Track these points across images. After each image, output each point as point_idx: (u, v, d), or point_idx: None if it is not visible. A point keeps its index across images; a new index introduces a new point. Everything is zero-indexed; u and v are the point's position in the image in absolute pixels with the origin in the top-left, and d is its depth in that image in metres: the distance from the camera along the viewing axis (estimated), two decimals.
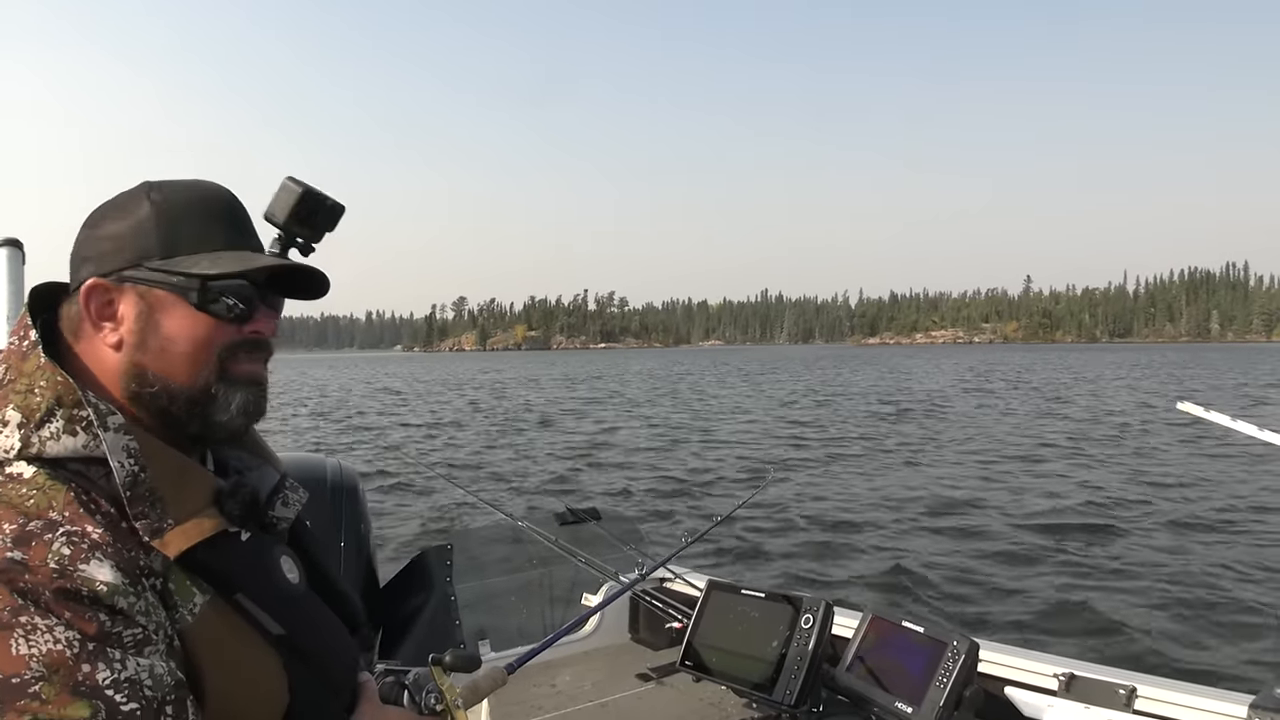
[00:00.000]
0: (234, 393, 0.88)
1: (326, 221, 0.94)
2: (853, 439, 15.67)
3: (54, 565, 0.71)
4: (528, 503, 9.64)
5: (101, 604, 0.71)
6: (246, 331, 0.89)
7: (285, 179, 0.92)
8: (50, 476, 0.77)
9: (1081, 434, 15.68)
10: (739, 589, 2.15)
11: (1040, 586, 6.06)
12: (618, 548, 2.81)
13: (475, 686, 1.14)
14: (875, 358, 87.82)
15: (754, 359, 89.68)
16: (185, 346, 0.86)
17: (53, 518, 0.74)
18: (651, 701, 2.20)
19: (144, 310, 0.85)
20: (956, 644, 1.69)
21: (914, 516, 8.55)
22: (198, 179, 0.93)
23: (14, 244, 1.79)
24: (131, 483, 0.79)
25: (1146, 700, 1.63)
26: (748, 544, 7.42)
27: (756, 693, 1.95)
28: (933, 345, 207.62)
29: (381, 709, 0.99)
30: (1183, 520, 8.15)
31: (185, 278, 0.85)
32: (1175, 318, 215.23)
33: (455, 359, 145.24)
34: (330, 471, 2.50)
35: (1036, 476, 10.90)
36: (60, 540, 0.72)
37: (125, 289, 0.85)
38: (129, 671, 0.70)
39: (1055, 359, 68.46)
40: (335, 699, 0.95)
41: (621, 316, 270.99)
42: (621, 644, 2.68)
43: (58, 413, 0.80)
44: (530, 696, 2.22)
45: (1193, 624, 5.25)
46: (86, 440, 0.79)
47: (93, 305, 0.85)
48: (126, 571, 0.75)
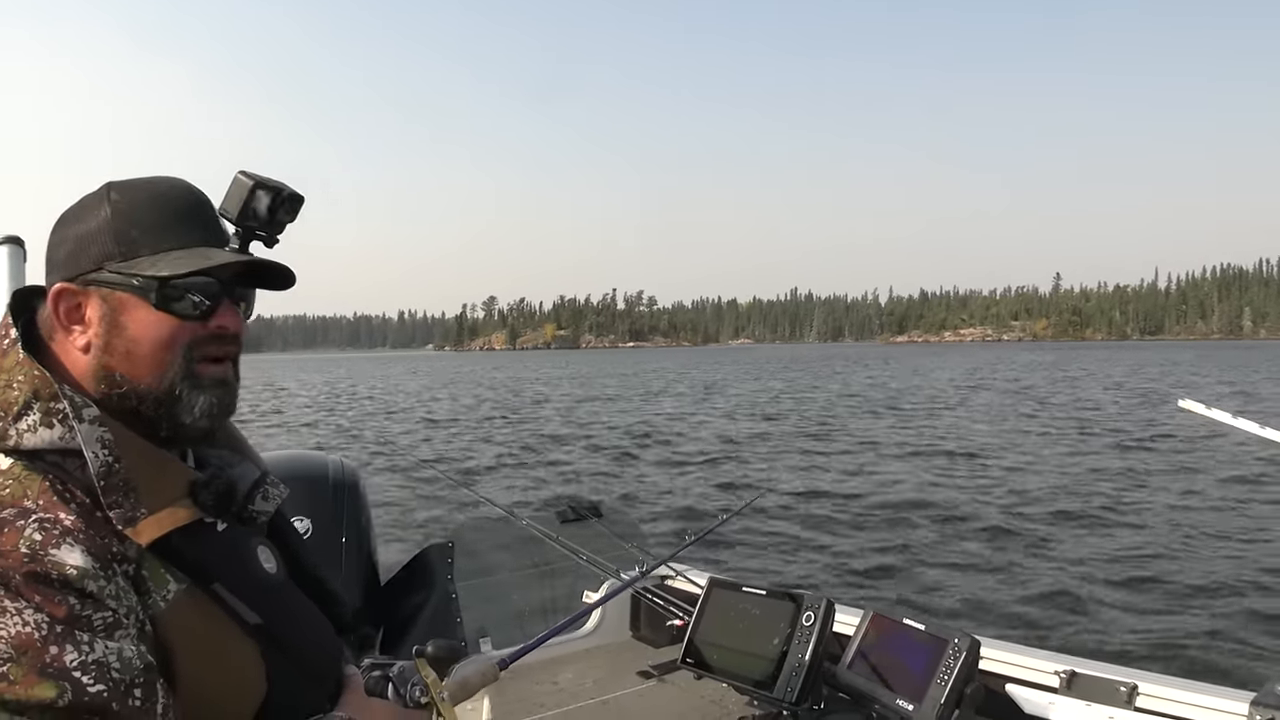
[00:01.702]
0: (198, 395, 0.89)
1: (287, 213, 0.94)
2: (853, 439, 15.66)
3: (25, 550, 0.72)
4: (530, 500, 9.64)
5: (71, 587, 0.73)
6: (212, 327, 0.90)
7: (237, 173, 0.91)
8: (26, 468, 0.79)
9: (1083, 432, 15.67)
10: (740, 586, 2.14)
11: (1042, 584, 6.05)
12: (619, 545, 2.81)
13: (465, 681, 1.13)
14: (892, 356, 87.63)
15: (767, 358, 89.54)
16: (149, 348, 0.86)
17: (27, 505, 0.76)
18: (653, 699, 2.20)
19: (108, 313, 0.86)
20: (958, 641, 1.68)
21: (915, 514, 8.54)
22: (161, 176, 0.93)
23: (15, 241, 1.79)
24: (106, 472, 0.80)
25: (1148, 697, 1.62)
26: (749, 542, 7.42)
27: (758, 690, 1.94)
28: (961, 343, 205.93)
29: (365, 701, 0.99)
30: (1184, 519, 8.14)
31: (144, 279, 0.85)
32: (1207, 315, 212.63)
33: (484, 358, 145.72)
34: (331, 468, 2.51)
35: (1038, 477, 10.88)
36: (32, 526, 0.74)
37: (90, 292, 0.87)
38: (97, 654, 0.72)
39: (1070, 357, 68.21)
40: (315, 689, 0.95)
41: (650, 315, 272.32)
42: (623, 641, 2.68)
43: (34, 406, 0.81)
44: (531, 694, 2.22)
45: (1194, 621, 5.24)
46: (62, 432, 0.81)
47: (61, 309, 0.87)
48: (98, 557, 0.76)
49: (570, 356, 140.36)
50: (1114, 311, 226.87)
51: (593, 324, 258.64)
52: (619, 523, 3.05)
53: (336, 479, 2.47)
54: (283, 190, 0.92)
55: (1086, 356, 68.13)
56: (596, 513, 3.03)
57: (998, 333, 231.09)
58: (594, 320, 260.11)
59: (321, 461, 2.55)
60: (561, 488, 10.73)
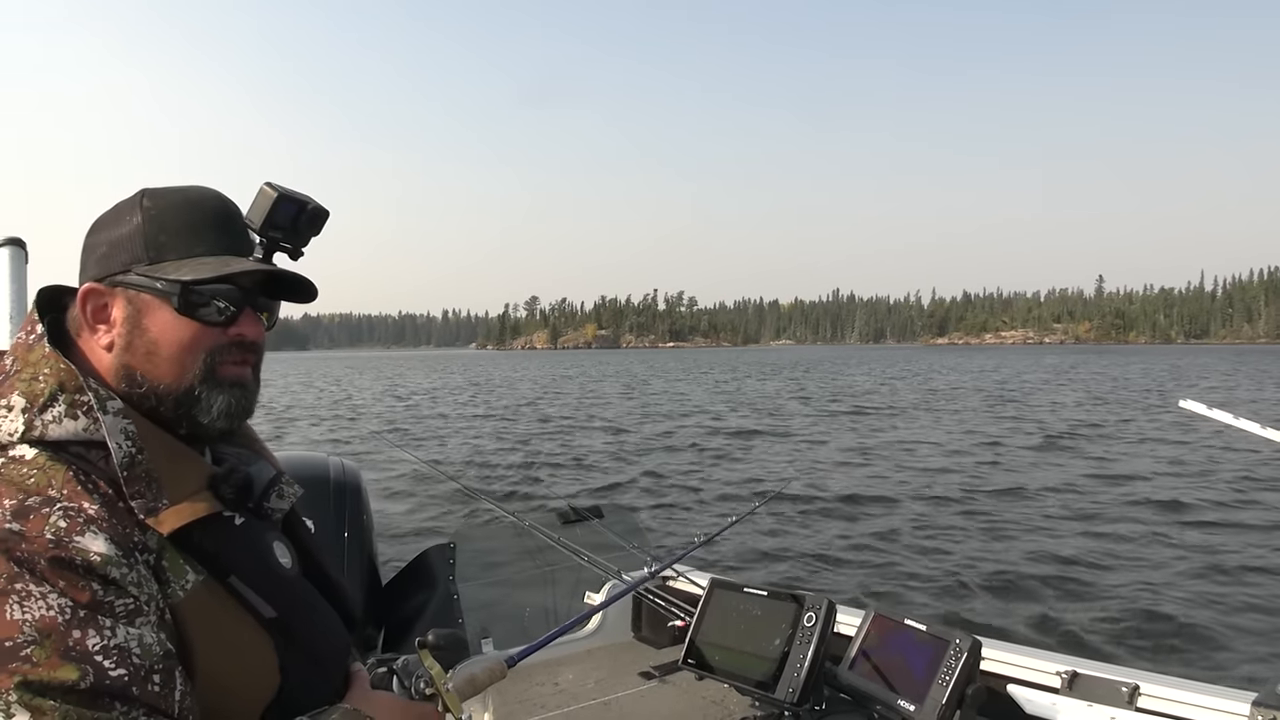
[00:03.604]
0: (216, 395, 0.91)
1: (309, 226, 0.95)
2: (856, 438, 15.66)
3: (50, 536, 0.74)
4: (531, 501, 9.64)
5: (95, 574, 0.74)
6: (231, 334, 0.91)
7: (263, 184, 0.93)
8: (51, 458, 0.80)
9: (1085, 432, 15.67)
10: (741, 587, 2.15)
11: (1042, 584, 6.04)
12: (621, 547, 2.81)
13: (473, 678, 1.13)
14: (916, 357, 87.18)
15: (787, 360, 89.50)
16: (169, 349, 0.88)
17: (51, 494, 0.77)
18: (654, 700, 2.20)
19: (132, 314, 0.88)
20: (959, 642, 1.68)
21: (917, 514, 8.54)
22: (193, 184, 0.95)
23: (17, 243, 1.80)
24: (129, 463, 0.82)
25: (1149, 698, 1.63)
26: (750, 542, 7.42)
27: (759, 691, 1.94)
28: (1001, 346, 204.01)
29: (371, 694, 1.00)
30: (1186, 518, 8.14)
31: (167, 283, 0.87)
32: (1254, 318, 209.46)
33: (524, 356, 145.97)
34: (333, 469, 2.52)
35: (1040, 477, 10.87)
36: (57, 514, 0.76)
37: (117, 293, 0.89)
38: (119, 639, 0.73)
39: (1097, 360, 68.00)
40: (326, 682, 0.96)
41: (690, 316, 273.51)
42: (624, 642, 2.68)
43: (60, 398, 0.83)
44: (533, 695, 2.22)
45: (1195, 621, 5.24)
46: (87, 424, 0.83)
47: (88, 308, 0.89)
48: (120, 545, 0.77)
49: (610, 356, 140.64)
50: (1158, 314, 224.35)
51: (633, 324, 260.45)
52: (620, 524, 3.06)
53: (338, 480, 2.48)
54: (308, 204, 0.94)
55: (1103, 360, 67.83)
56: (598, 514, 3.03)
57: (1039, 335, 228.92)
58: (634, 320, 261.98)
59: (323, 462, 2.55)
60: (564, 488, 10.73)
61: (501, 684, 1.23)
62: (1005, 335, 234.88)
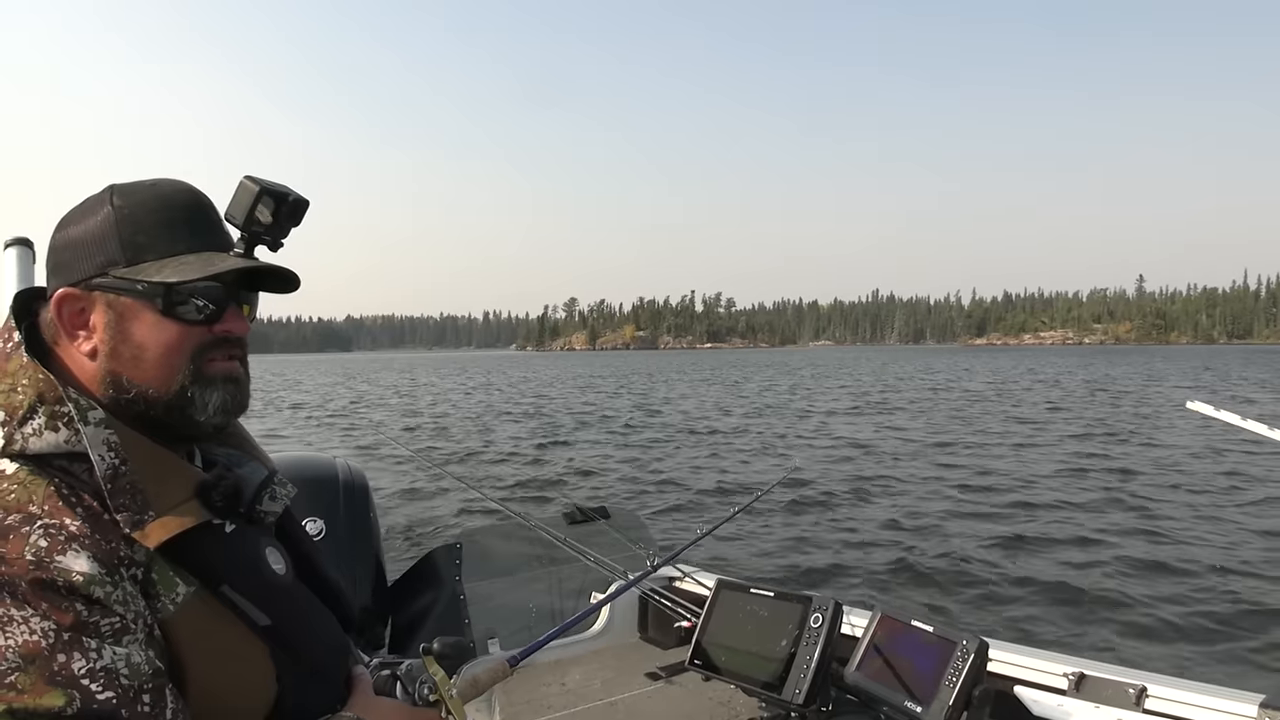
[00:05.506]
0: (210, 392, 0.89)
1: (289, 218, 0.93)
2: (856, 437, 15.63)
3: (30, 557, 0.72)
4: (537, 502, 9.64)
5: (78, 594, 0.72)
6: (217, 331, 0.90)
7: (243, 178, 0.92)
8: (32, 472, 0.78)
9: (1094, 433, 15.60)
10: (748, 588, 2.14)
11: (1050, 585, 6.02)
12: (627, 547, 2.81)
13: (475, 679, 1.13)
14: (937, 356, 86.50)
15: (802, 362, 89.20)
16: (156, 353, 0.86)
17: (32, 511, 0.75)
18: (660, 700, 2.20)
19: (114, 319, 0.86)
20: (966, 643, 1.68)
21: (923, 515, 8.52)
22: (162, 178, 0.92)
23: (24, 243, 1.80)
24: (112, 475, 0.80)
25: (1157, 699, 1.62)
26: (757, 543, 7.41)
27: (765, 692, 1.94)
28: (1040, 346, 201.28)
29: (373, 700, 0.99)
30: (1192, 518, 8.10)
31: (150, 285, 0.85)
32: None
33: (563, 358, 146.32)
34: (340, 471, 2.53)
35: (1044, 476, 10.83)
36: (37, 533, 0.73)
37: (95, 297, 0.86)
38: (105, 660, 0.72)
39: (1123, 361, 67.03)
40: (324, 689, 0.95)
41: (728, 316, 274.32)
42: (630, 643, 2.69)
43: (40, 410, 0.81)
44: (540, 695, 2.23)
45: (1204, 623, 5.21)
46: (68, 435, 0.80)
47: (65, 314, 0.86)
48: (104, 562, 0.75)
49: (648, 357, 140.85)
50: (1200, 314, 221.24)
51: (671, 325, 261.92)
52: (626, 524, 3.06)
53: (345, 481, 2.49)
54: (288, 195, 0.92)
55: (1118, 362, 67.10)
56: (603, 514, 3.04)
57: (1079, 335, 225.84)
58: (672, 321, 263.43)
59: (329, 464, 2.56)
60: (567, 488, 10.74)
61: (508, 684, 1.22)
62: (1044, 336, 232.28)
